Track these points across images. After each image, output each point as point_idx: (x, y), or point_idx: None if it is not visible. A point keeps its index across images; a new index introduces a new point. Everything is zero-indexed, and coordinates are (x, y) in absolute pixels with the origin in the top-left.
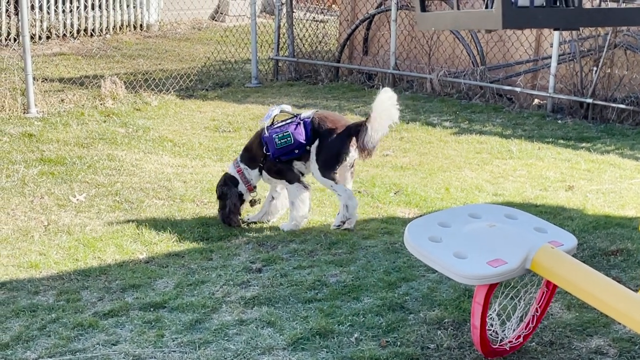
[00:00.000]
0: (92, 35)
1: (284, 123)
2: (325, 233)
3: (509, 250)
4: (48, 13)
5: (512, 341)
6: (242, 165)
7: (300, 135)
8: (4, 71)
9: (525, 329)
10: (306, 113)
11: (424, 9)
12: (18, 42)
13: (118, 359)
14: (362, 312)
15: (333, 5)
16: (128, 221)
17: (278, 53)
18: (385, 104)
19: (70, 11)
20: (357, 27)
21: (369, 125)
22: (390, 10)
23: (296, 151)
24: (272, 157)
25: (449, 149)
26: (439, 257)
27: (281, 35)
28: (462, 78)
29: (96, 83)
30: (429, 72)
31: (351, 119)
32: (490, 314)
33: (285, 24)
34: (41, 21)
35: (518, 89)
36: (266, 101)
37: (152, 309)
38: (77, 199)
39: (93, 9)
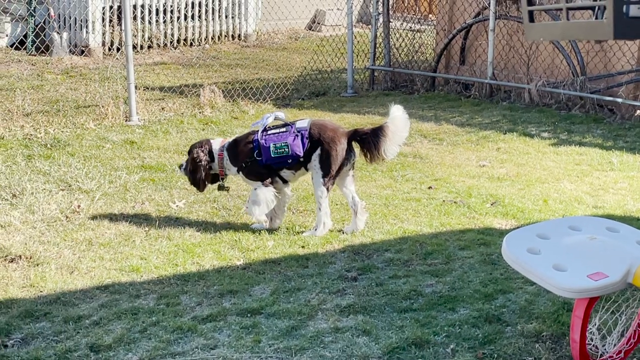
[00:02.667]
0: (191, 44)
1: (279, 131)
2: (421, 243)
3: (610, 263)
4: (150, 23)
5: (612, 356)
6: (225, 154)
7: (298, 147)
8: (107, 80)
9: (627, 344)
10: (301, 123)
11: (532, 19)
12: (121, 52)
13: None
14: (458, 323)
15: (430, 15)
16: (226, 228)
17: (374, 63)
18: (402, 122)
19: (171, 22)
20: (454, 36)
21: (386, 137)
22: (488, 19)
23: (289, 161)
24: (263, 162)
25: (547, 160)
26: (537, 269)
27: (377, 45)
28: (562, 88)
29: (195, 92)
30: (527, 82)
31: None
32: (590, 328)
33: (382, 34)
34: (143, 31)
35: (620, 100)
36: (362, 110)
37: (249, 315)
38: (177, 205)
39: (193, 19)
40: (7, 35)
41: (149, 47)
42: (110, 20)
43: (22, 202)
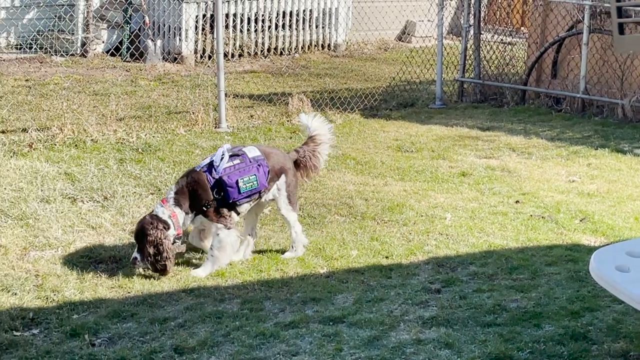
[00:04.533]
0: (281, 53)
1: (235, 163)
2: (507, 257)
3: None
4: (241, 32)
5: None
6: (177, 210)
7: (263, 178)
8: (198, 87)
9: None
10: (253, 152)
11: (622, 31)
12: (212, 60)
13: None
14: (542, 339)
15: (522, 28)
16: (310, 236)
17: (463, 75)
18: (320, 124)
19: (262, 30)
20: (546, 49)
21: (321, 150)
22: (582, 33)
23: (255, 195)
24: (229, 200)
25: (639, 177)
26: (626, 288)
27: (467, 57)
28: None
29: (284, 100)
30: (621, 97)
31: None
32: None
33: (472, 46)
34: (234, 40)
35: None
36: (450, 122)
37: (331, 323)
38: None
39: (283, 28)
40: (103, 42)
41: (240, 55)
42: (203, 29)
43: (113, 205)
